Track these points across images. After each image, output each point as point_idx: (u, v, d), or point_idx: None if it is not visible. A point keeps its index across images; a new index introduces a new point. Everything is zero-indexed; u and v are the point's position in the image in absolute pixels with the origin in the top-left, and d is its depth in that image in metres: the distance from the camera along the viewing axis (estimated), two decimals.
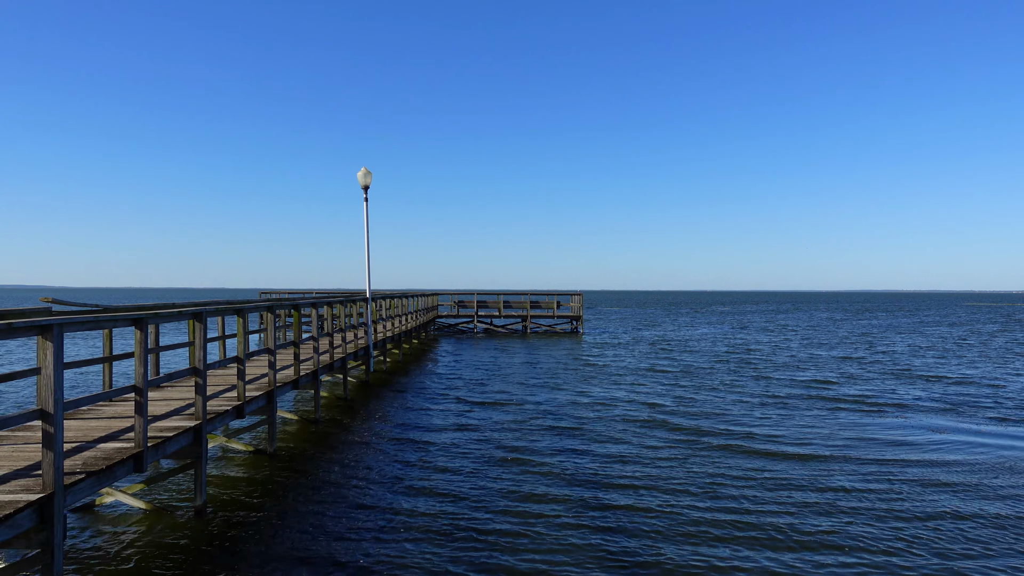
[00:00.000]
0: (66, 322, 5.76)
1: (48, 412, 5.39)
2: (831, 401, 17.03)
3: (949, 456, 11.59)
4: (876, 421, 14.58)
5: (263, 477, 9.98)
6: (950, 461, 11.25)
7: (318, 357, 13.76)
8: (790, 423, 14.26)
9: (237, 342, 10.13)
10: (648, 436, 12.95)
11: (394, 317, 25.41)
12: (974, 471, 10.65)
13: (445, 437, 12.75)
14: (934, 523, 8.25)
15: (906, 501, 9.10)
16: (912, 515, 8.53)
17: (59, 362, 5.47)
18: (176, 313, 8.20)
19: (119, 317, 6.86)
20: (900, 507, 8.84)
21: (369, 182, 19.99)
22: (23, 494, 5.34)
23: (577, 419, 14.56)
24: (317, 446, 11.98)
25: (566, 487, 9.65)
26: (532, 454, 11.49)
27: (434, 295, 41.28)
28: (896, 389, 19.23)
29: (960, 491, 9.59)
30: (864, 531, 7.96)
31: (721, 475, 10.29)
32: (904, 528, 8.07)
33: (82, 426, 7.87)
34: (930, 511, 8.68)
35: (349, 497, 9.11)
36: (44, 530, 5.35)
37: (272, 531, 7.80)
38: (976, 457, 11.52)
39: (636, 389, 19.00)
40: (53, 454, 5.40)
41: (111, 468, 6.38)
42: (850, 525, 8.15)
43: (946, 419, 14.84)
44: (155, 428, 7.85)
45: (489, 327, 43.11)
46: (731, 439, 12.67)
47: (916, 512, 8.64)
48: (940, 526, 8.16)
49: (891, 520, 8.34)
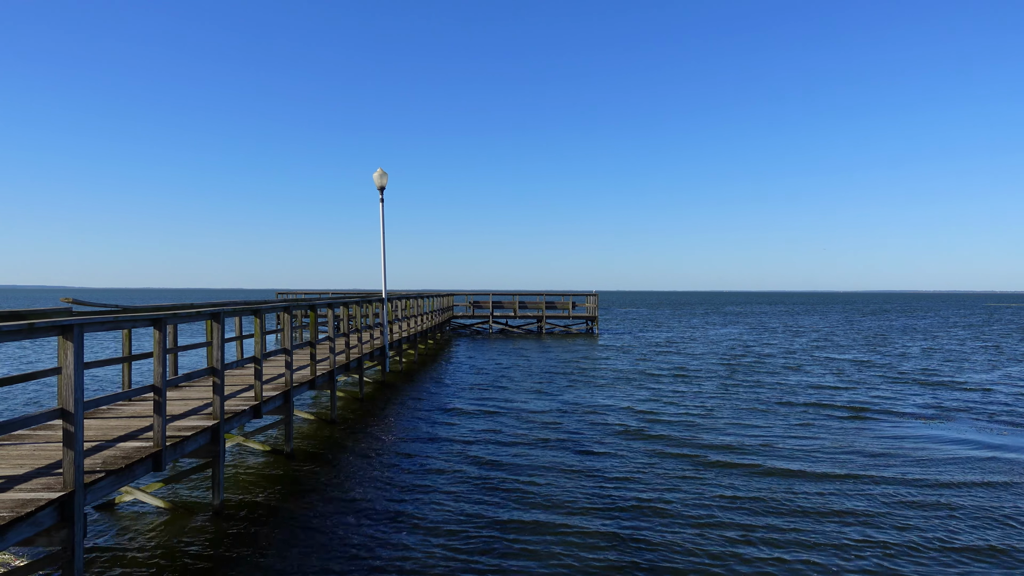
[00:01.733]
0: (86, 322, 5.81)
1: (69, 411, 5.44)
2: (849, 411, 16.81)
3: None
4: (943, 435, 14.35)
5: (280, 477, 10.02)
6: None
7: (334, 357, 13.80)
8: (815, 440, 14.06)
9: (254, 342, 10.19)
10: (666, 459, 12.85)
11: (410, 318, 25.45)
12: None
13: (460, 439, 12.74)
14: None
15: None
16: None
17: (79, 362, 5.52)
18: (194, 313, 8.25)
19: (138, 317, 6.91)
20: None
21: (385, 183, 20.03)
22: (44, 492, 5.39)
23: (584, 427, 14.50)
24: (334, 446, 12.02)
25: (583, 516, 8.63)
26: (544, 472, 11.42)
27: (449, 296, 41.32)
28: (916, 399, 18.96)
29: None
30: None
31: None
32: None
33: (102, 425, 7.94)
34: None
35: (365, 499, 9.12)
36: (65, 528, 5.40)
37: (289, 531, 7.82)
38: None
39: (661, 396, 18.88)
40: (73, 453, 5.45)
41: (130, 467, 6.43)
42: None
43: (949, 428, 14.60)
44: (173, 427, 7.91)
45: (504, 327, 43.10)
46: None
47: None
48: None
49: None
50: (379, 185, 20.05)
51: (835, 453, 11.64)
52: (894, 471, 10.54)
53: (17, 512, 4.92)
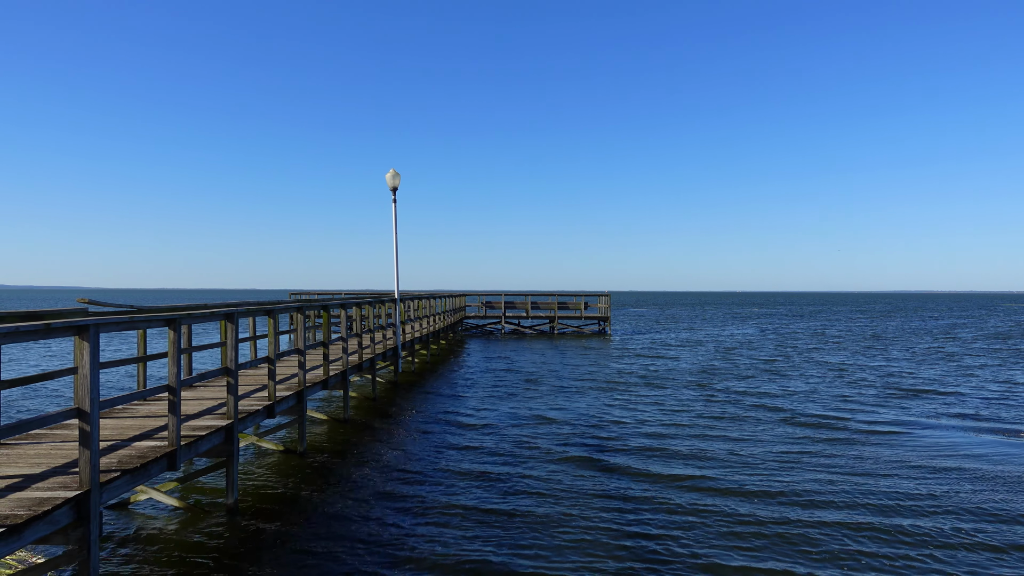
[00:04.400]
0: (102, 323, 5.86)
1: (85, 411, 5.48)
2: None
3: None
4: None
5: (293, 476, 10.06)
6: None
7: (347, 358, 13.84)
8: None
9: (268, 342, 10.23)
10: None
11: (422, 318, 25.49)
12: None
13: (471, 444, 12.74)
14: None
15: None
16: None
17: (95, 362, 5.57)
18: (208, 314, 8.29)
19: (153, 318, 6.95)
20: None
21: (397, 184, 20.08)
22: (61, 491, 5.44)
23: (606, 427, 14.46)
24: (346, 446, 12.05)
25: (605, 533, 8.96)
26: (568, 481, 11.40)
27: (462, 296, 41.36)
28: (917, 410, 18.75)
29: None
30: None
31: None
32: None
33: (117, 425, 8.00)
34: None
35: (377, 498, 9.14)
36: (81, 526, 5.44)
37: (302, 531, 7.85)
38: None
39: (679, 399, 18.80)
40: (89, 452, 5.49)
41: (145, 466, 6.47)
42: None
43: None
44: (188, 427, 7.96)
45: (516, 328, 43.08)
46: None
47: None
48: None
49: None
50: (391, 186, 20.10)
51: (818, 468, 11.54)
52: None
53: (34, 511, 4.97)
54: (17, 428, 5.09)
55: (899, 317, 73.78)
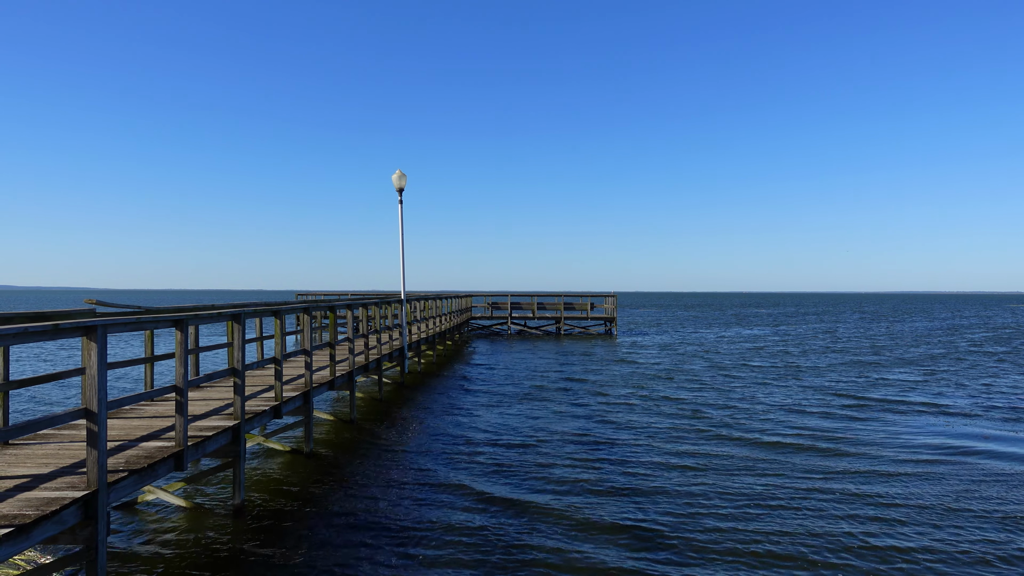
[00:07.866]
0: (110, 323, 5.87)
1: (92, 411, 5.50)
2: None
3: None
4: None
5: (300, 477, 10.07)
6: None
7: (353, 358, 13.85)
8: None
9: (274, 343, 10.25)
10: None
11: (428, 319, 25.52)
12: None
13: (478, 441, 12.74)
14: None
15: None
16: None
17: (103, 362, 5.58)
18: (215, 314, 8.32)
19: (160, 318, 6.97)
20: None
21: (404, 184, 20.09)
22: (68, 491, 5.45)
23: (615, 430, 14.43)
24: (353, 447, 12.06)
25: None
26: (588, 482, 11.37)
27: (468, 297, 41.38)
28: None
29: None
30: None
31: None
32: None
33: (125, 425, 8.02)
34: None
35: (384, 499, 9.14)
36: (88, 526, 5.45)
37: (309, 532, 7.85)
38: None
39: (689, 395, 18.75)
40: (97, 452, 5.50)
41: (153, 466, 6.49)
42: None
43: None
44: (195, 427, 7.97)
45: (523, 329, 43.07)
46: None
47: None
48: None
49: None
50: (398, 187, 20.11)
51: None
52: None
53: (42, 511, 4.98)
54: (25, 428, 5.11)
55: (924, 319, 73.43)
